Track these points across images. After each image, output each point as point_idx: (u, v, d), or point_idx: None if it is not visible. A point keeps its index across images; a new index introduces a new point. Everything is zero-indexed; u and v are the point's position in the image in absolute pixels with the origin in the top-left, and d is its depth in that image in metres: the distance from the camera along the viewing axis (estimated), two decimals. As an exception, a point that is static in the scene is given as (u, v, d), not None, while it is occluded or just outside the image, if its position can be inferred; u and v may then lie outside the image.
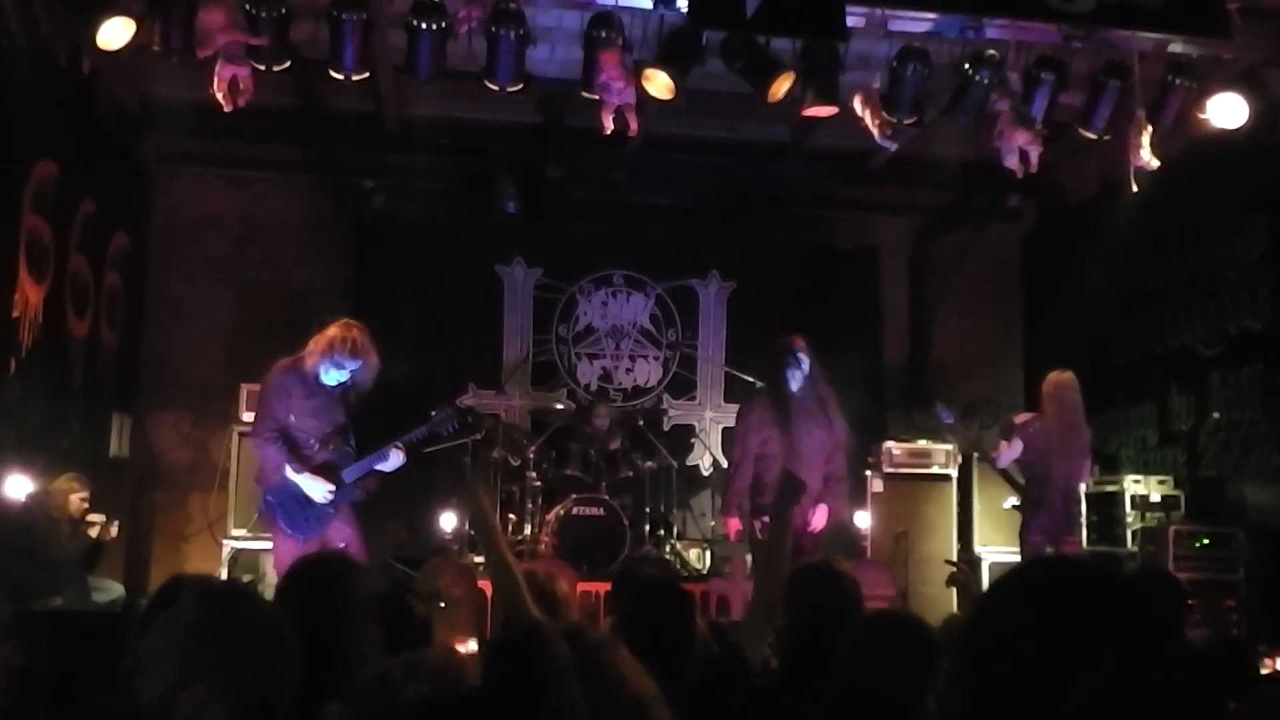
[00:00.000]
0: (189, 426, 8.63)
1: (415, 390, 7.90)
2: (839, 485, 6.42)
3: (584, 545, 7.35)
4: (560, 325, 9.32)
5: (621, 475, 8.07)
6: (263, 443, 5.58)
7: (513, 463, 7.97)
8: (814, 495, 6.21)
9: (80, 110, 7.13)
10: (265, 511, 5.69)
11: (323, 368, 5.57)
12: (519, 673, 2.12)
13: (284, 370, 5.66)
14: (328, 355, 5.54)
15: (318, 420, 5.65)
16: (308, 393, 5.61)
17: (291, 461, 5.54)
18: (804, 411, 6.29)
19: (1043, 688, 1.37)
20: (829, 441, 6.33)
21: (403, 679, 2.24)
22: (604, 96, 6.08)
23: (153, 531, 8.49)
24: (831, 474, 6.35)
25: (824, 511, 6.28)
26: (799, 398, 6.31)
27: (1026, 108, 6.28)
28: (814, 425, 6.30)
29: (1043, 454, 6.58)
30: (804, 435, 6.26)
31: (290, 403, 5.60)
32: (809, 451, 6.24)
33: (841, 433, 6.41)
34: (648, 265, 9.46)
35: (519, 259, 9.29)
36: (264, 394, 5.71)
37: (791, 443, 6.23)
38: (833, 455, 6.36)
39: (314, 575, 2.84)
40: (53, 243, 6.64)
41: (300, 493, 5.55)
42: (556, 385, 9.22)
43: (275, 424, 5.58)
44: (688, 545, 8.41)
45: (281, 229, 9.05)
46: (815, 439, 6.28)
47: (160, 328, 8.71)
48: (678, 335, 9.46)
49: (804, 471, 6.06)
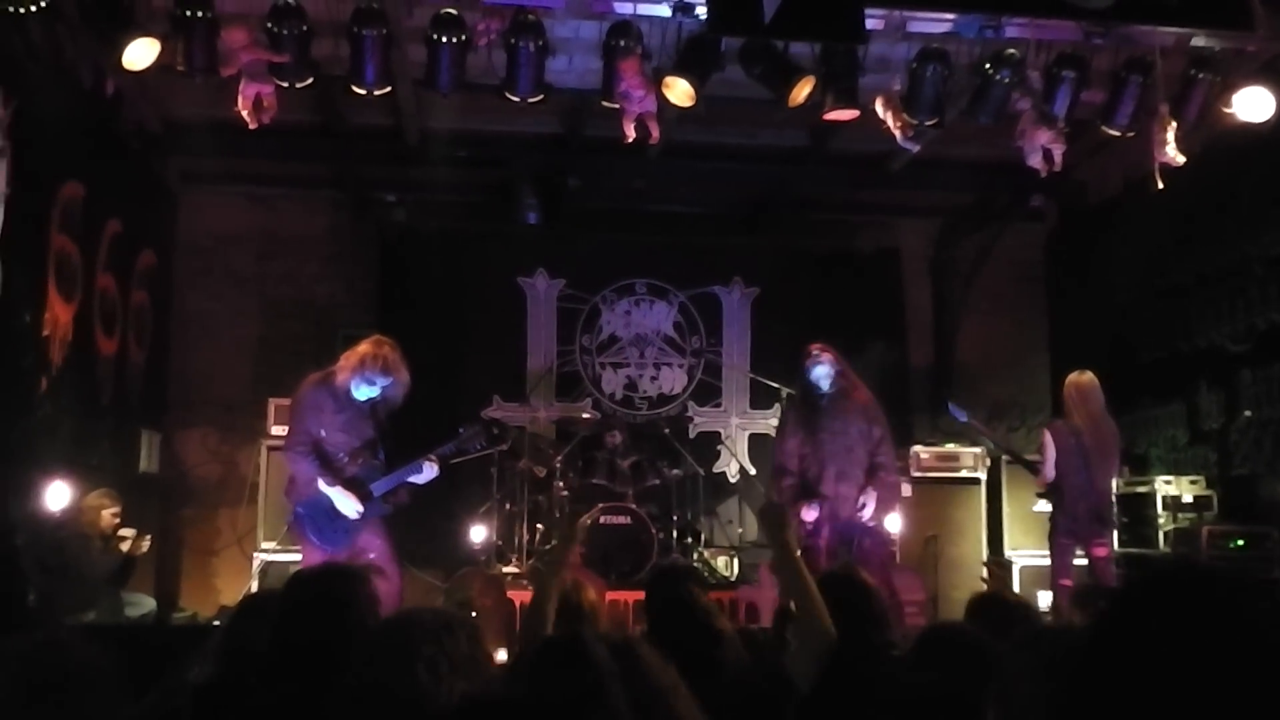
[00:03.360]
0: (217, 442, 8.70)
1: (440, 403, 7.94)
2: (887, 475, 6.29)
3: (612, 554, 7.36)
4: (584, 335, 9.33)
5: (648, 483, 8.07)
6: (295, 456, 5.62)
7: (539, 473, 7.97)
8: (857, 484, 6.16)
9: (105, 131, 7.21)
10: (294, 523, 5.73)
11: (354, 383, 5.62)
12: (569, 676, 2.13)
13: (315, 385, 5.71)
14: (359, 371, 5.59)
15: (347, 435, 5.68)
16: (338, 407, 5.65)
17: (324, 475, 5.58)
18: (836, 410, 6.23)
19: (1180, 699, 1.31)
20: (869, 433, 6.25)
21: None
22: (624, 105, 6.09)
23: (183, 546, 8.55)
24: (879, 464, 6.25)
25: (874, 498, 6.16)
26: (830, 397, 6.26)
27: (1048, 106, 6.24)
28: (849, 420, 6.23)
29: (1071, 456, 6.55)
30: (838, 432, 6.20)
31: (321, 417, 5.64)
32: (845, 445, 6.19)
33: (882, 425, 6.33)
34: (670, 273, 9.47)
35: (541, 270, 9.32)
36: (295, 408, 5.74)
37: (820, 443, 6.20)
38: (877, 446, 6.27)
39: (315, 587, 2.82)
40: (81, 262, 6.71)
41: (330, 505, 5.58)
42: (581, 396, 9.23)
43: (307, 438, 5.61)
44: (715, 553, 8.40)
45: (304, 244, 9.12)
46: (852, 433, 6.22)
47: (187, 344, 8.79)
48: (702, 342, 9.46)
49: (845, 465, 6.11)
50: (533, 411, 8.97)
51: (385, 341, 5.72)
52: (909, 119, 6.29)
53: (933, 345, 9.69)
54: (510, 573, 7.50)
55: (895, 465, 6.51)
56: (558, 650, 2.27)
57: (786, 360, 8.87)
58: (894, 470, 6.47)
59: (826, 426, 6.22)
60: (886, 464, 6.31)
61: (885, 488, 6.27)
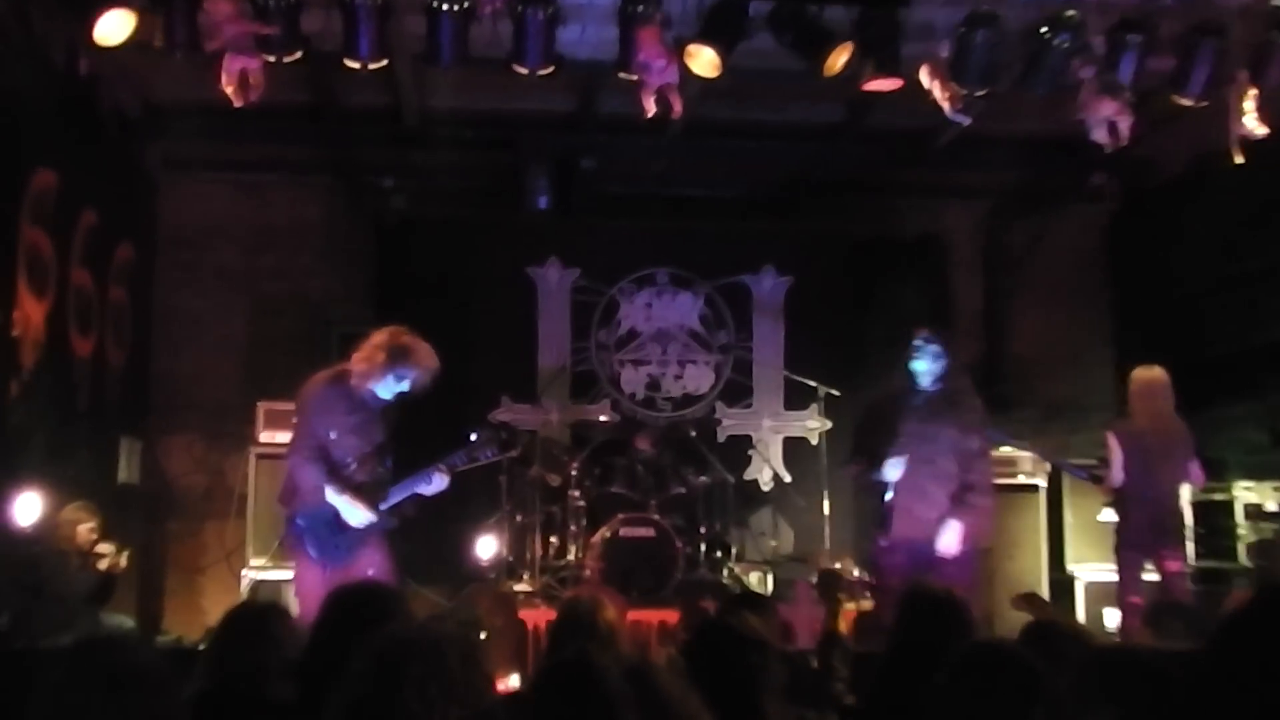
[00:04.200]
0: (202, 450, 8.70)
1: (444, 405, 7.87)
2: (979, 498, 5.90)
3: (633, 569, 7.35)
4: (600, 330, 9.32)
5: (672, 492, 8.05)
6: (301, 461, 5.57)
7: (552, 482, 7.98)
8: (941, 508, 5.84)
9: (79, 115, 7.21)
10: (292, 536, 5.67)
11: (383, 382, 5.56)
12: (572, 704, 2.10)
13: (326, 383, 5.66)
14: (389, 368, 5.53)
15: (358, 439, 5.63)
16: (350, 408, 5.60)
17: (331, 482, 5.52)
18: (931, 413, 5.95)
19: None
20: (962, 445, 5.92)
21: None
22: (643, 77, 6.07)
23: (166, 563, 8.57)
24: (971, 485, 5.87)
25: (956, 531, 5.81)
26: (928, 397, 5.98)
27: (1112, 74, 6.18)
28: (942, 426, 5.94)
29: (1136, 460, 6.48)
30: (925, 439, 5.92)
31: (332, 419, 5.58)
32: (926, 456, 5.91)
33: (981, 438, 6.03)
34: (695, 261, 9.45)
35: (553, 259, 9.31)
36: (303, 409, 5.69)
37: (909, 447, 5.91)
38: (971, 463, 5.91)
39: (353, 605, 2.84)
40: (53, 256, 6.72)
41: (333, 517, 5.54)
42: (598, 396, 9.22)
43: (315, 441, 5.56)
44: (747, 568, 8.37)
45: (296, 235, 9.12)
46: (941, 443, 5.92)
47: (169, 345, 8.80)
48: (730, 337, 9.43)
49: (924, 480, 5.84)
50: (545, 414, 8.95)
51: (402, 330, 5.66)
52: (957, 89, 6.25)
53: (983, 339, 9.60)
54: (522, 590, 7.50)
55: (990, 486, 6.12)
56: (564, 673, 2.24)
57: (823, 355, 8.92)
58: (988, 492, 6.04)
59: (915, 431, 5.93)
60: (979, 484, 5.93)
61: (973, 515, 5.88)
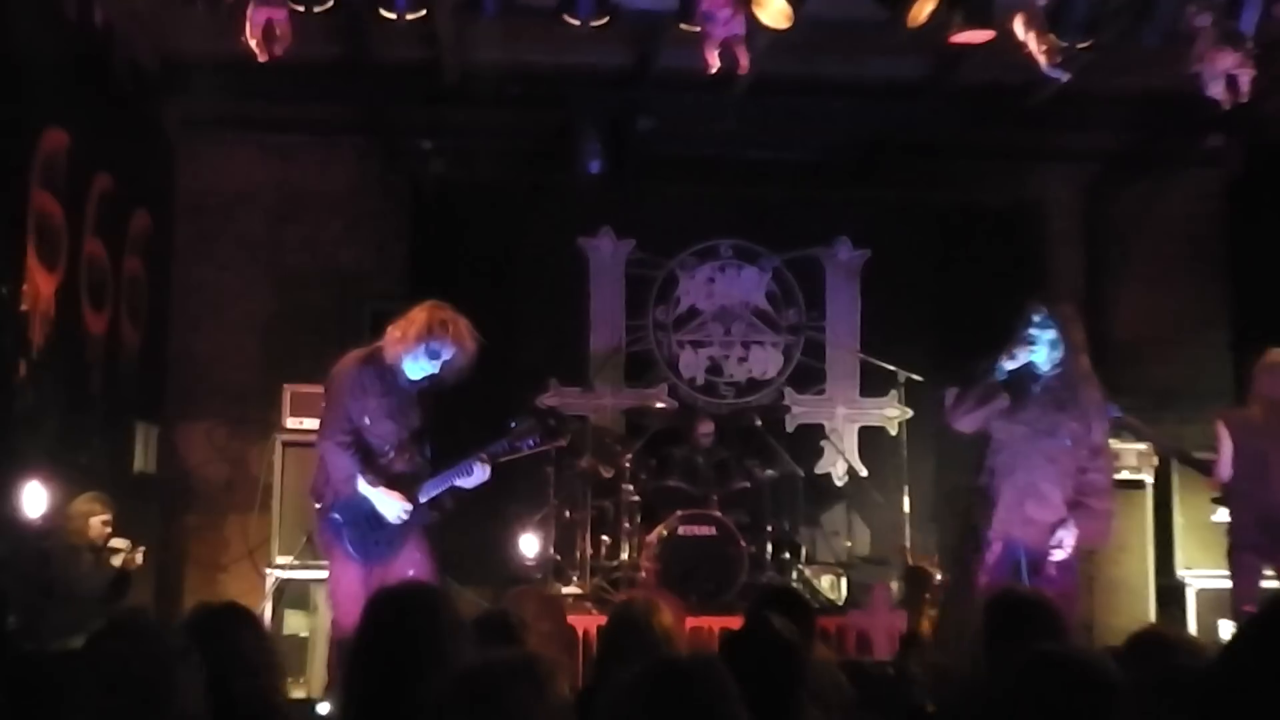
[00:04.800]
0: (224, 437, 8.80)
1: (487, 389, 7.91)
2: (1098, 501, 5.73)
3: (692, 571, 7.38)
4: (658, 308, 9.32)
5: (736, 487, 8.07)
6: (333, 448, 5.60)
7: (605, 474, 8.01)
8: (1056, 512, 5.67)
9: (93, 71, 7.29)
10: (328, 531, 5.70)
11: (411, 357, 5.60)
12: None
13: (359, 363, 5.69)
14: (421, 341, 5.55)
15: (395, 424, 5.68)
16: (385, 389, 5.65)
17: (365, 472, 5.56)
18: (1050, 401, 5.73)
19: None
20: (1085, 438, 5.72)
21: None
22: (707, 29, 6.04)
23: (185, 559, 8.70)
24: (1090, 484, 5.70)
25: (1073, 535, 5.63)
26: (1046, 383, 5.75)
27: (1233, 22, 6.08)
28: (1062, 419, 5.70)
29: (1248, 453, 6.39)
30: (1042, 431, 5.70)
31: (366, 401, 5.62)
32: (1048, 454, 5.70)
33: (1104, 429, 5.86)
34: (762, 233, 9.42)
35: (606, 229, 9.32)
36: (335, 391, 5.71)
37: (1014, 438, 5.73)
38: (1090, 461, 5.72)
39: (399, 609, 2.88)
40: (65, 224, 6.80)
41: (371, 510, 5.58)
42: (655, 380, 9.23)
43: (349, 426, 5.60)
44: (819, 570, 8.37)
45: (325, 203, 9.19)
46: (1062, 437, 5.69)
47: (188, 322, 8.91)
48: (800, 316, 9.40)
49: (1039, 479, 5.68)
50: (597, 399, 8.98)
51: (444, 306, 5.69)
52: (1055, 41, 6.17)
53: (1085, 319, 9.45)
54: (570, 593, 7.54)
55: (1111, 485, 5.95)
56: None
57: (904, 336, 8.87)
58: (1109, 493, 5.87)
59: (1030, 420, 5.71)
60: (1101, 485, 5.76)
61: (1093, 520, 5.72)
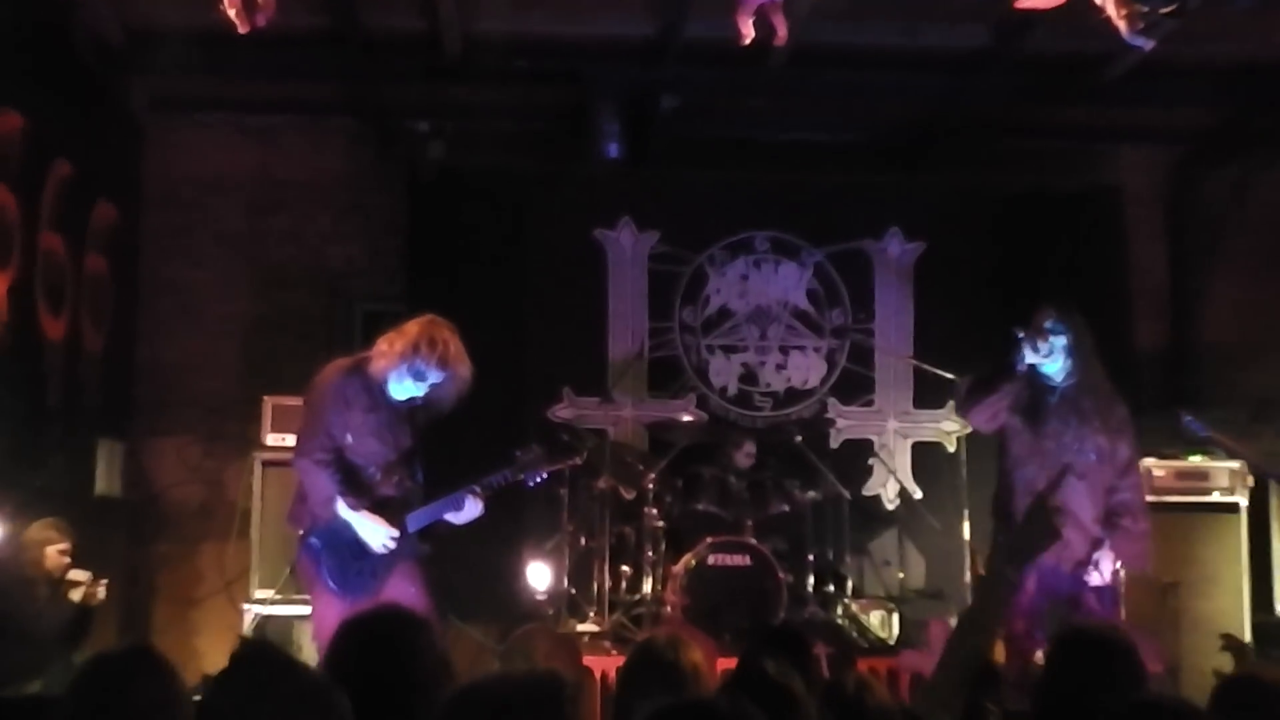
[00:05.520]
0: (198, 455, 8.81)
1: (491, 401, 7.91)
2: (1133, 522, 5.93)
3: (724, 606, 7.35)
4: (685, 308, 9.27)
5: (773, 511, 8.04)
6: (311, 466, 5.65)
7: (625, 495, 7.97)
8: (1087, 534, 5.85)
9: (51, 45, 7.31)
10: (305, 560, 5.75)
11: (395, 375, 5.67)
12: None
13: (343, 374, 5.76)
14: (407, 359, 5.62)
15: (381, 442, 5.74)
16: (371, 404, 5.72)
17: (347, 494, 5.61)
18: (1068, 413, 5.93)
19: None
20: (1112, 454, 5.92)
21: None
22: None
23: (154, 593, 8.68)
24: (1122, 504, 5.91)
25: (1110, 560, 5.84)
26: (1062, 393, 5.93)
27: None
28: (1086, 432, 5.90)
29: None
30: (1068, 447, 5.88)
31: (349, 416, 5.69)
32: (1079, 469, 5.82)
33: (1130, 442, 6.01)
34: (802, 224, 9.36)
35: (627, 220, 9.27)
36: (315, 403, 5.78)
37: (1040, 454, 5.88)
38: (1123, 474, 5.93)
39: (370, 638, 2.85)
40: (19, 217, 6.82)
41: (353, 537, 5.62)
42: (682, 390, 9.18)
43: (329, 443, 5.66)
44: (867, 606, 8.32)
45: (312, 192, 9.21)
46: (1088, 451, 5.89)
47: (158, 326, 8.91)
48: (846, 317, 9.36)
49: (1069, 497, 5.76)
50: (616, 411, 8.94)
51: (442, 323, 5.74)
52: (1136, 6, 6.10)
53: (1168, 320, 9.52)
54: (587, 631, 7.50)
55: (1144, 503, 6.13)
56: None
57: (963, 340, 8.79)
58: (1141, 512, 6.06)
59: (1053, 434, 5.89)
60: (1133, 504, 5.97)
61: (1128, 542, 5.92)
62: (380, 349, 5.69)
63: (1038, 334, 5.86)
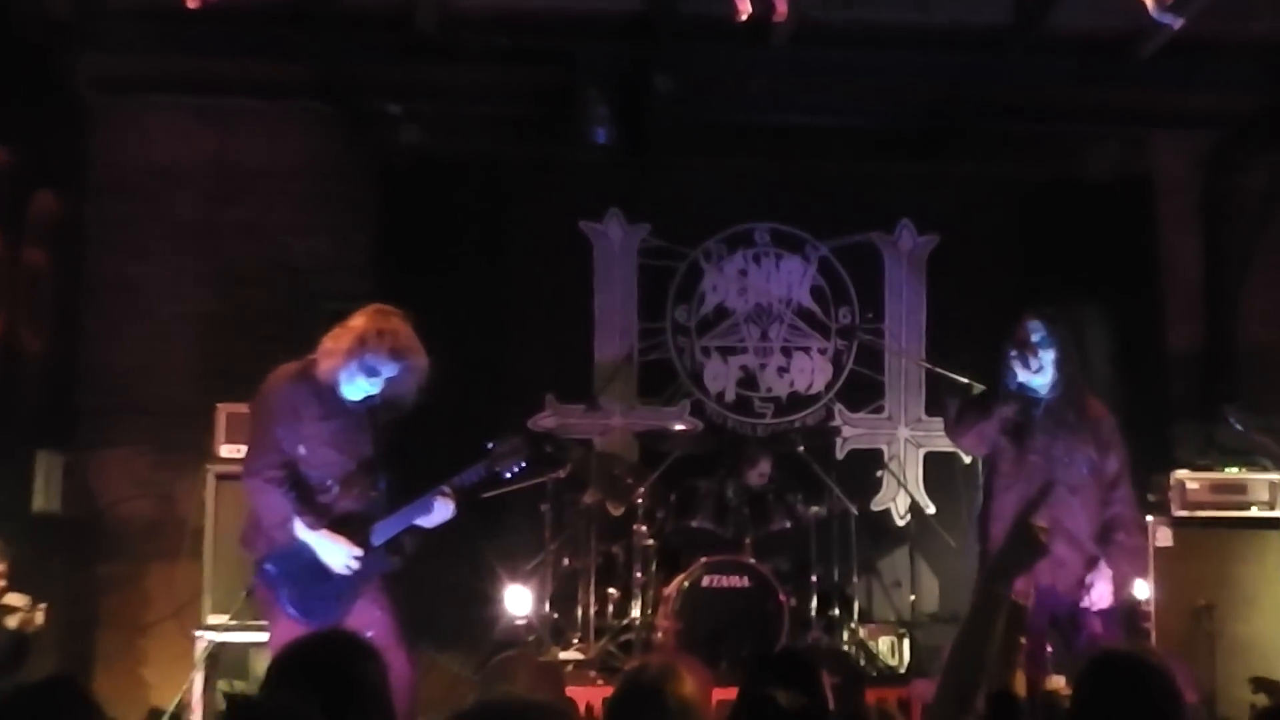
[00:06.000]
0: (146, 467, 8.76)
1: (468, 407, 7.91)
2: (1128, 536, 6.09)
3: (721, 631, 7.37)
4: (679, 307, 9.30)
5: (774, 528, 8.07)
6: (261, 485, 5.64)
7: (613, 511, 8.00)
8: (1084, 551, 5.95)
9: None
10: (262, 586, 5.72)
11: (345, 374, 5.66)
12: None
13: (290, 380, 5.74)
14: (355, 355, 5.62)
15: (338, 452, 5.73)
16: (325, 412, 5.70)
17: (303, 513, 5.59)
18: (1056, 426, 6.01)
19: None
20: (1101, 467, 6.05)
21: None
22: (736, -37, 6.00)
23: (97, 619, 8.63)
24: (1115, 519, 6.03)
25: (1107, 579, 5.94)
26: (1048, 407, 6.04)
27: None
28: (1076, 444, 6.02)
29: None
30: (1056, 460, 5.99)
31: (300, 427, 5.67)
32: (1067, 485, 5.97)
33: (1120, 453, 6.12)
34: (806, 215, 9.41)
35: (615, 212, 9.32)
36: (262, 415, 5.77)
37: (1027, 470, 6.01)
38: (1113, 487, 6.06)
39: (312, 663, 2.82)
40: (-51, 208, 6.79)
41: (313, 559, 5.61)
42: (675, 396, 9.21)
43: (279, 458, 5.64)
44: (876, 631, 8.36)
45: (273, 181, 9.17)
46: (1079, 465, 6.01)
47: (104, 326, 8.87)
48: (854, 316, 9.38)
49: (1063, 514, 5.89)
50: (604, 419, 8.97)
51: (390, 311, 5.76)
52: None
53: (1203, 319, 9.52)
54: (570, 659, 7.51)
55: (1138, 516, 6.32)
56: None
57: (981, 342, 8.74)
58: (1136, 526, 6.25)
59: (1041, 449, 6.01)
60: (1126, 518, 6.11)
61: (1125, 557, 6.07)
62: (326, 348, 5.68)
63: (1027, 350, 6.00)
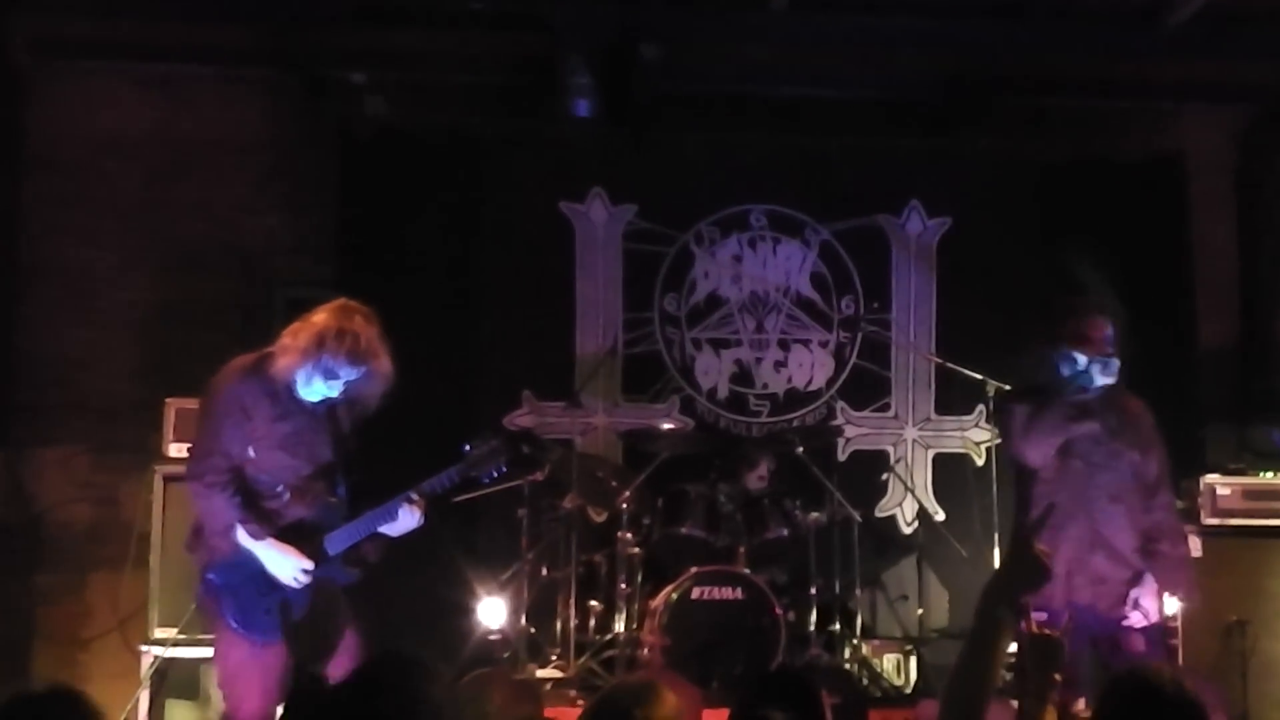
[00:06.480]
0: (87, 468, 8.76)
1: (437, 405, 7.89)
2: (1172, 546, 6.12)
3: (712, 648, 7.35)
4: (667, 295, 9.27)
5: (770, 535, 8.04)
6: (205, 490, 5.64)
7: (595, 517, 7.99)
8: (1128, 566, 6.02)
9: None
10: (206, 598, 5.74)
11: (301, 374, 5.67)
12: None
13: (241, 376, 5.74)
14: (312, 357, 5.63)
15: (291, 455, 5.75)
16: (278, 412, 5.71)
17: (247, 521, 5.60)
18: (1103, 427, 6.07)
19: None
20: (1144, 470, 6.12)
21: None
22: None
23: (34, 633, 8.65)
24: (1157, 526, 6.09)
25: (1153, 593, 5.98)
26: (1087, 404, 6.07)
27: None
28: (1121, 447, 6.08)
29: None
30: (1099, 465, 6.05)
31: (250, 427, 5.68)
32: (1109, 492, 6.04)
33: (1160, 454, 6.18)
34: (807, 196, 9.37)
35: (598, 191, 9.27)
36: (209, 412, 5.77)
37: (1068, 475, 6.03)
38: (1151, 496, 6.11)
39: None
40: None
41: (260, 570, 5.61)
42: (663, 392, 9.18)
43: (225, 461, 5.65)
44: (880, 648, 8.34)
45: (225, 155, 9.16)
46: (1123, 469, 6.08)
47: (41, 314, 8.88)
48: (857, 306, 9.35)
49: (1104, 523, 5.97)
50: (586, 418, 8.95)
51: (354, 309, 5.75)
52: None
53: (1239, 310, 9.57)
54: (549, 677, 7.48)
55: (1181, 524, 6.35)
56: None
57: (996, 334, 8.76)
58: (1181, 534, 6.29)
59: (1083, 452, 6.07)
60: (1169, 526, 6.17)
61: (1172, 569, 6.09)
62: (284, 344, 5.69)
63: (1102, 351, 6.00)
